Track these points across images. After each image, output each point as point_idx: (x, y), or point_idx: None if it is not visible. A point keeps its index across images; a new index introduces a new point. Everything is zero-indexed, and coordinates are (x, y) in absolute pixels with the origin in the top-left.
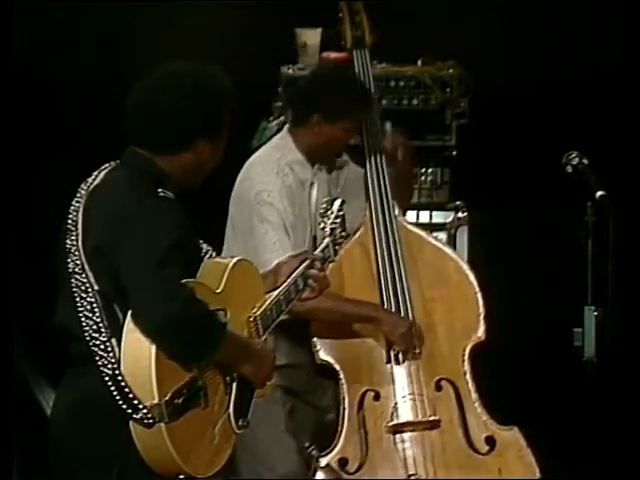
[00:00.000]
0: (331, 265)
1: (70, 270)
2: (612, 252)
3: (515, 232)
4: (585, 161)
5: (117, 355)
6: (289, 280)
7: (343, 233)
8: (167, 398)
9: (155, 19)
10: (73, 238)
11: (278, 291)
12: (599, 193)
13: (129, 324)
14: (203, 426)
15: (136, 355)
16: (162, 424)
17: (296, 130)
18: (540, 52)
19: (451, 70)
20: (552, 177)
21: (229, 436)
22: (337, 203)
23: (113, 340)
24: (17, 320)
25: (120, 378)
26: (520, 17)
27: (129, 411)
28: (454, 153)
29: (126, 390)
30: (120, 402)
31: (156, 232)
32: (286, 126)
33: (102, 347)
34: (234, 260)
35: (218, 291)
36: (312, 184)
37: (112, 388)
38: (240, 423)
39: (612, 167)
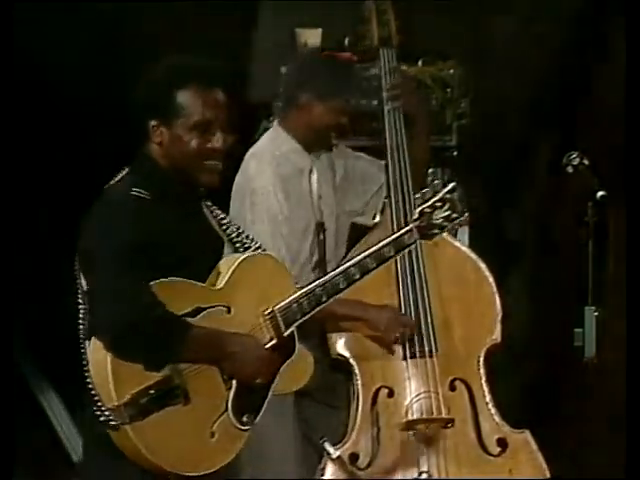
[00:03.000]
0: None
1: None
2: (612, 252)
3: (515, 232)
4: (586, 161)
5: (87, 358)
6: (337, 270)
7: (454, 215)
8: (125, 400)
9: (155, 19)
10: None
11: (315, 284)
12: (600, 193)
13: None
14: (187, 424)
15: (97, 358)
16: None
17: (287, 117)
18: (539, 51)
19: (452, 70)
20: (553, 177)
21: (234, 433)
22: (449, 187)
23: (87, 342)
24: (17, 320)
25: (89, 381)
26: (520, 16)
27: (97, 413)
28: (455, 153)
29: (92, 393)
30: (92, 404)
31: (115, 233)
32: (275, 120)
33: (82, 349)
34: (244, 255)
35: (218, 287)
36: (311, 171)
37: (90, 391)
38: (244, 419)
39: (612, 167)
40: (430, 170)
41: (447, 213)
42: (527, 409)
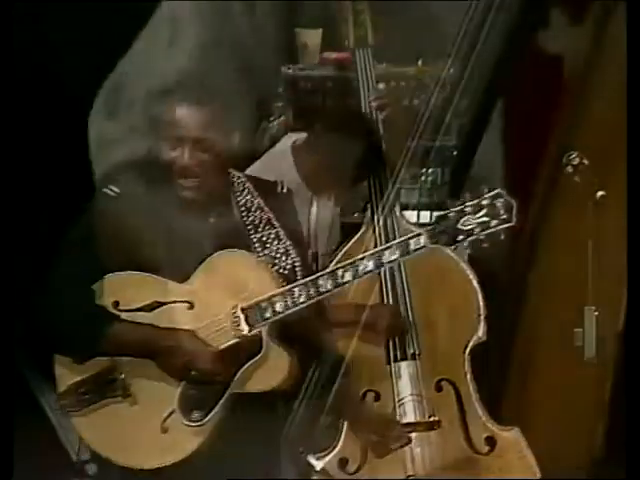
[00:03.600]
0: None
1: None
2: (612, 252)
3: (515, 232)
4: (585, 161)
5: None
6: (323, 272)
7: (493, 222)
8: (63, 390)
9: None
10: None
11: (295, 284)
12: (599, 193)
13: None
14: (132, 418)
15: None
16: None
17: (299, 150)
18: (538, 50)
19: (451, 70)
20: (552, 177)
21: (189, 430)
22: (489, 193)
23: None
24: (17, 321)
25: None
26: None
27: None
28: (454, 153)
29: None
30: None
31: (75, 228)
32: (290, 144)
33: None
34: (218, 253)
35: (184, 283)
36: (312, 201)
37: None
38: (194, 416)
39: (612, 167)
40: (430, 170)
41: (483, 219)
42: (526, 410)
